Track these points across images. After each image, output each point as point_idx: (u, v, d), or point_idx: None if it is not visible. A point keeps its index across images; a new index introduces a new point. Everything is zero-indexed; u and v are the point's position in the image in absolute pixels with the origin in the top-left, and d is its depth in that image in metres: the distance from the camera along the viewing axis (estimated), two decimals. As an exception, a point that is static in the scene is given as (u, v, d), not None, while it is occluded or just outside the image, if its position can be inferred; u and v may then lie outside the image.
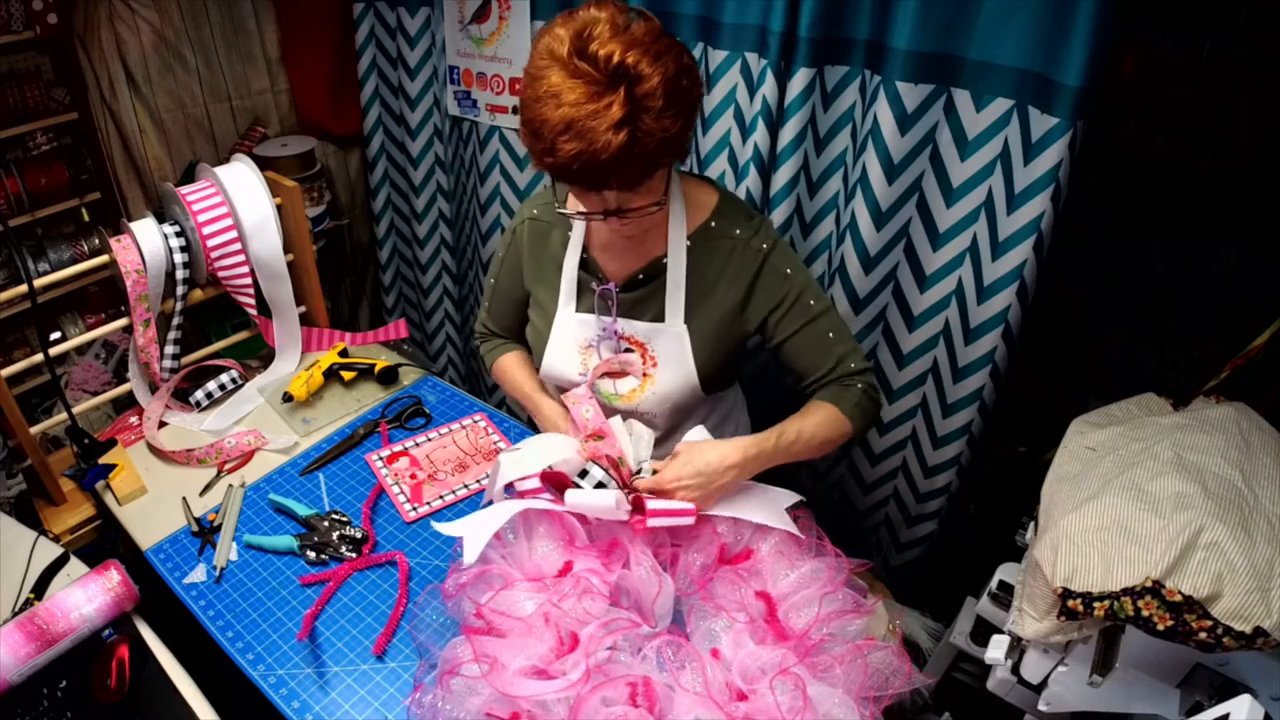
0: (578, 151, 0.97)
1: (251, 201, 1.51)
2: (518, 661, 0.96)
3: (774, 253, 1.21)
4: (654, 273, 1.24)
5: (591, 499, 1.09)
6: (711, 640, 1.04)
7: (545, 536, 1.13)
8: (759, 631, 1.03)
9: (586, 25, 0.99)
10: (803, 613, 1.05)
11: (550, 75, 0.98)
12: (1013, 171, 1.37)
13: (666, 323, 1.24)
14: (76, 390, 2.13)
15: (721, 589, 1.09)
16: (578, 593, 1.03)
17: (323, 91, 2.35)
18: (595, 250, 1.26)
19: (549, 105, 0.98)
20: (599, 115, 0.96)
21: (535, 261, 1.31)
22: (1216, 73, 1.66)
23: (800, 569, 1.10)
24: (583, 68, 0.97)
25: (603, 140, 0.97)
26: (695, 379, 1.26)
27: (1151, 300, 1.89)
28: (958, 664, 1.38)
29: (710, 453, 1.12)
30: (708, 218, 1.22)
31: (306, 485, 1.40)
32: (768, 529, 1.14)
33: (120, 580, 1.13)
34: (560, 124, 0.97)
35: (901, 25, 1.35)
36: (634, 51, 0.97)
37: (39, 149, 1.94)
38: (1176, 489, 0.88)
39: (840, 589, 1.07)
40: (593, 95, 0.97)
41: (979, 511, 1.99)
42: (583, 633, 0.99)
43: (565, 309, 1.28)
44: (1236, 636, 0.78)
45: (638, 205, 1.09)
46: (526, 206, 1.34)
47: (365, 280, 2.81)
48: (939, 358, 1.64)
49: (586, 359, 1.29)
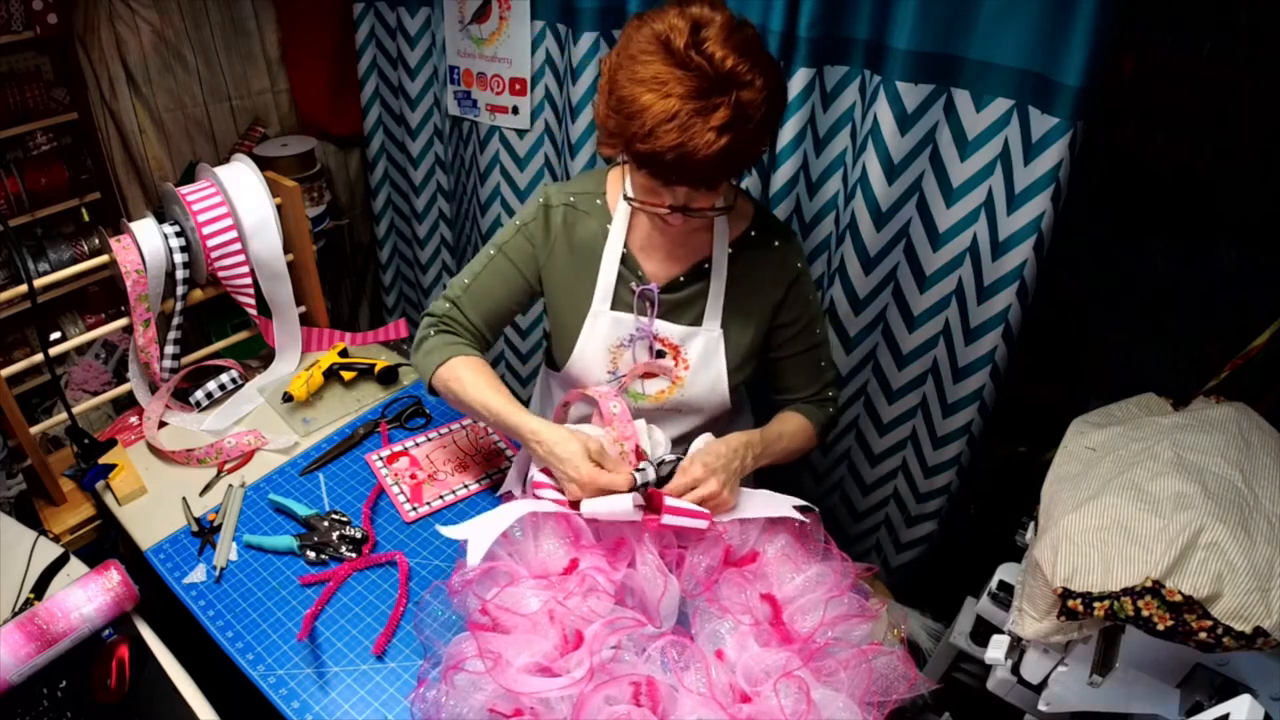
0: (677, 144, 0.98)
1: (251, 201, 1.51)
2: (522, 658, 0.96)
3: (804, 274, 1.27)
4: (696, 276, 1.24)
5: (608, 505, 1.08)
6: (716, 641, 1.04)
7: (551, 534, 1.12)
8: (764, 634, 1.03)
9: (702, 22, 0.99)
10: (808, 616, 1.05)
11: (656, 62, 0.98)
12: (1013, 171, 1.37)
13: (704, 325, 1.25)
14: (76, 390, 2.13)
15: (727, 591, 1.09)
16: (583, 591, 1.03)
17: (323, 91, 2.35)
18: (635, 248, 1.25)
19: (654, 91, 0.98)
20: (706, 114, 0.97)
21: (565, 248, 1.26)
22: (1216, 73, 1.66)
23: (806, 572, 1.10)
24: (697, 61, 0.97)
25: (704, 139, 0.97)
26: (725, 383, 1.27)
27: (1151, 300, 1.89)
28: (958, 664, 1.38)
29: (719, 444, 1.17)
30: (748, 226, 1.24)
31: (306, 485, 1.40)
32: (774, 532, 1.15)
33: (120, 580, 1.13)
34: (665, 114, 0.97)
35: (901, 25, 1.35)
36: (746, 59, 0.98)
37: (39, 149, 1.94)
38: (1176, 489, 0.88)
39: (846, 593, 1.07)
40: (701, 92, 0.97)
41: (979, 511, 1.99)
42: (587, 631, 0.99)
43: (601, 306, 1.26)
44: (1236, 636, 0.78)
45: (704, 205, 1.10)
46: (560, 191, 1.26)
47: (365, 280, 2.82)
48: (939, 358, 1.64)
49: (617, 358, 1.28)
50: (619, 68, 1.03)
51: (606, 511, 1.09)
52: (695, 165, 1.00)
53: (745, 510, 1.16)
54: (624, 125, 1.02)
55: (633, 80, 1.00)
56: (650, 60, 0.99)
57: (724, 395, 1.28)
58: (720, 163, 1.01)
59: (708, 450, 1.16)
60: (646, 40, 1.00)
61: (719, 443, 1.18)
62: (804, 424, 1.30)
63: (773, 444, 1.23)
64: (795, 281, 1.26)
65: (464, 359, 1.25)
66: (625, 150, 1.04)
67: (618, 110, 1.02)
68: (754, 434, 1.22)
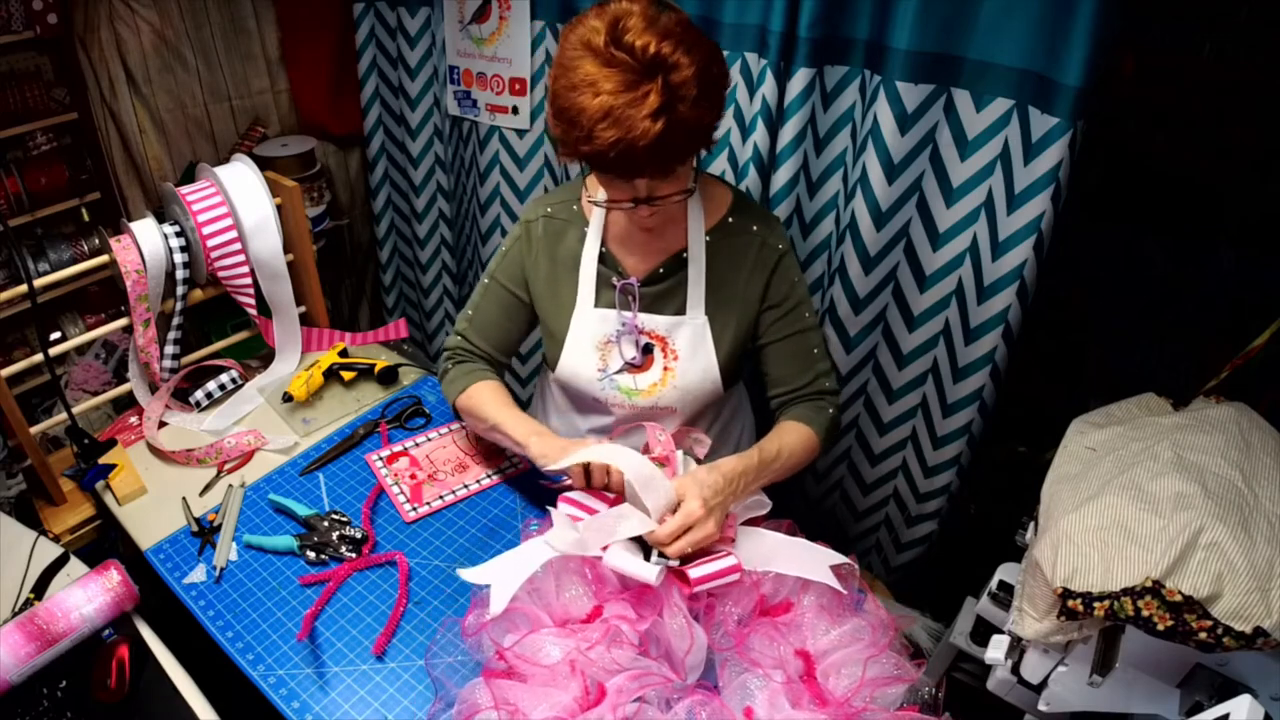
0: (616, 139, 0.99)
1: (251, 201, 1.51)
2: (540, 711, 0.92)
3: (787, 256, 1.26)
4: (674, 267, 1.25)
5: (633, 567, 1.03)
6: (745, 697, 0.98)
7: (575, 577, 1.07)
8: (795, 691, 0.98)
9: (620, 16, 1.01)
10: (842, 673, 0.99)
11: (585, 65, 1.00)
12: (1013, 171, 1.37)
13: (688, 315, 1.25)
14: (76, 390, 2.13)
15: (758, 644, 1.03)
16: (607, 640, 0.98)
17: (323, 91, 2.35)
18: (613, 245, 1.27)
19: (586, 94, 0.99)
20: (637, 103, 0.98)
21: (549, 259, 1.30)
22: (1216, 73, 1.66)
23: (842, 627, 1.04)
24: (619, 57, 0.99)
25: (641, 128, 0.98)
26: (716, 371, 1.27)
27: (1151, 300, 1.89)
28: (958, 664, 1.38)
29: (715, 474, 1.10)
30: (725, 213, 1.25)
31: (306, 485, 1.39)
32: (810, 580, 1.09)
33: (120, 580, 1.13)
34: (599, 112, 0.99)
35: (901, 25, 1.35)
36: (668, 41, 0.99)
37: (39, 149, 1.94)
38: (1176, 489, 0.88)
39: (884, 651, 1.01)
40: (630, 84, 0.99)
41: (979, 511, 1.99)
42: (610, 684, 0.95)
43: (584, 304, 1.27)
44: (1236, 636, 0.78)
45: (667, 193, 1.11)
46: (537, 205, 1.32)
47: (365, 280, 2.82)
48: (939, 358, 1.64)
49: (605, 354, 1.29)
50: (557, 78, 1.04)
51: (630, 572, 1.03)
52: (640, 155, 1.01)
53: (780, 563, 1.09)
54: (567, 131, 1.03)
55: (568, 88, 1.01)
56: (579, 64, 1.01)
57: (716, 382, 1.28)
58: (664, 147, 1.01)
59: (702, 483, 1.08)
60: (574, 46, 1.02)
61: (714, 472, 1.11)
62: (804, 432, 1.24)
63: (770, 464, 1.18)
64: (778, 263, 1.25)
65: (481, 384, 1.32)
66: (575, 155, 1.06)
67: (559, 118, 1.04)
68: (751, 458, 1.16)
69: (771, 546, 1.12)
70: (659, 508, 1.06)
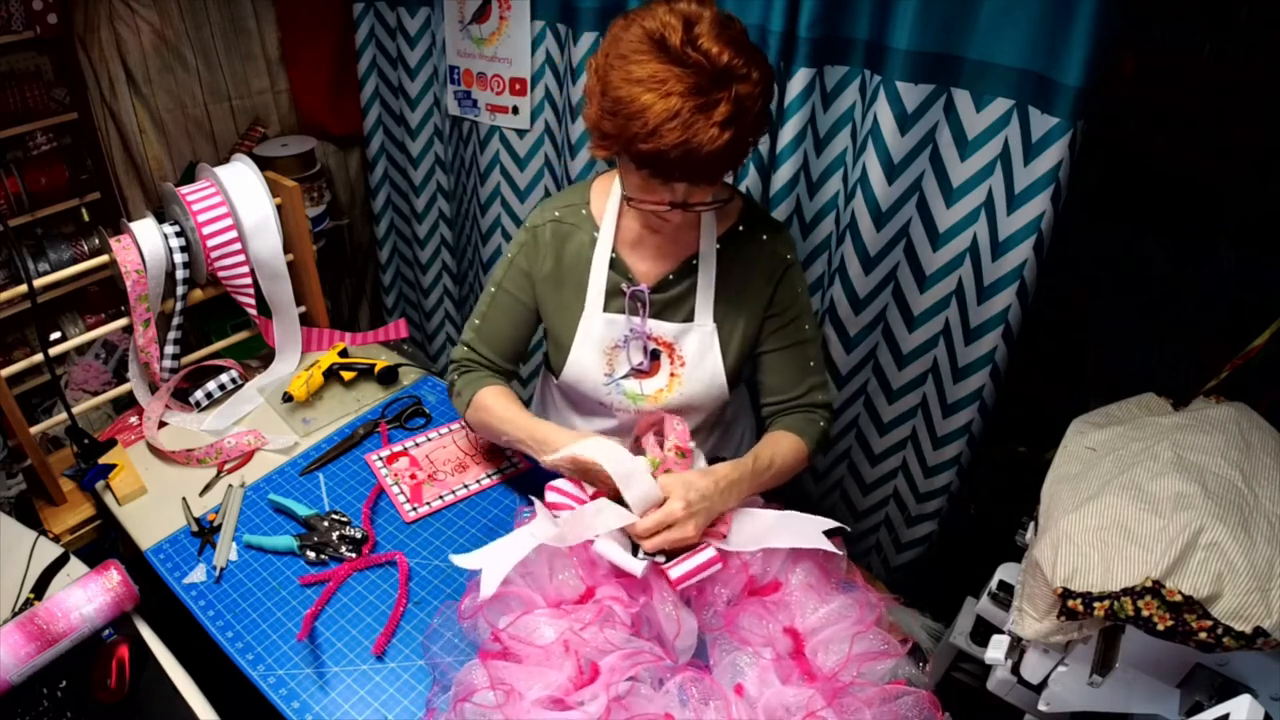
0: (681, 141, 0.98)
1: (251, 201, 1.51)
2: (535, 690, 0.93)
3: (794, 267, 1.26)
4: (685, 273, 1.25)
5: (620, 558, 1.04)
6: (736, 675, 1.00)
7: (567, 560, 1.08)
8: (785, 668, 0.99)
9: (692, 18, 0.99)
10: (831, 650, 1.01)
11: (652, 60, 0.98)
12: (1013, 171, 1.37)
13: (696, 321, 1.25)
14: (76, 390, 2.13)
15: (747, 622, 1.05)
16: (599, 621, 1.00)
17: (323, 91, 2.35)
18: (624, 250, 1.25)
19: (653, 91, 0.98)
20: (708, 110, 0.97)
21: (557, 264, 1.28)
22: (1216, 73, 1.66)
23: (830, 604, 1.06)
24: (694, 58, 0.97)
25: (708, 135, 0.98)
26: (723, 377, 1.27)
27: (1151, 300, 1.89)
28: (958, 664, 1.38)
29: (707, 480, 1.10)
30: (735, 220, 1.24)
31: (306, 485, 1.40)
32: (797, 559, 1.10)
33: (120, 580, 1.13)
34: (668, 112, 0.97)
35: (901, 25, 1.35)
36: (741, 53, 0.99)
37: (39, 149, 1.94)
38: (1176, 489, 0.88)
39: (871, 628, 1.03)
40: (701, 89, 0.97)
41: (979, 511, 1.99)
42: (603, 663, 0.96)
43: (593, 309, 1.26)
44: (1236, 636, 0.78)
45: (702, 199, 1.10)
46: (544, 209, 1.29)
47: (365, 280, 2.82)
48: (939, 358, 1.64)
49: (612, 359, 1.28)
50: (610, 69, 1.02)
51: (618, 562, 1.04)
52: (699, 161, 1.00)
53: (773, 538, 1.10)
54: (623, 126, 1.01)
55: (628, 80, 0.99)
56: (645, 59, 0.98)
57: (723, 389, 1.28)
58: (723, 157, 1.01)
59: (690, 485, 1.08)
60: (638, 39, 1.00)
61: (707, 477, 1.11)
62: (794, 442, 1.24)
63: (762, 473, 1.18)
64: (785, 273, 1.25)
65: (488, 390, 1.31)
66: (625, 151, 1.04)
67: (614, 112, 1.01)
68: (745, 466, 1.16)
69: (765, 523, 1.14)
70: (638, 503, 1.07)
